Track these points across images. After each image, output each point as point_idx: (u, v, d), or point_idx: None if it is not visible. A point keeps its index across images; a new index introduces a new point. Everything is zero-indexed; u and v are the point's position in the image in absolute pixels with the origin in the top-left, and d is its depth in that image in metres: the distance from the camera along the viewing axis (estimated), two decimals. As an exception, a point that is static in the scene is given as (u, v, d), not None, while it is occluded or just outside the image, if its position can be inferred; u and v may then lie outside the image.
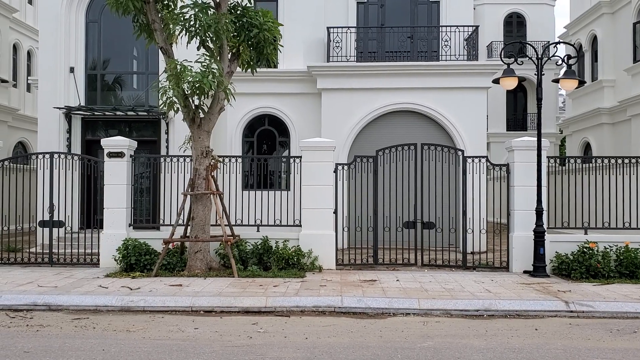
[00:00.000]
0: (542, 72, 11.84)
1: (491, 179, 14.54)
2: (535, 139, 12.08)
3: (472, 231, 12.91)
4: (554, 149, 31.95)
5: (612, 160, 12.97)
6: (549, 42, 27.36)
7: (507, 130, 31.84)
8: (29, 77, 25.25)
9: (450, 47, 17.50)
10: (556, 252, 11.85)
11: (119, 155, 12.62)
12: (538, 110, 11.99)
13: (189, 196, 11.75)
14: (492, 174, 14.38)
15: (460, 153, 13.26)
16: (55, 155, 13.07)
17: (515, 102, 32.87)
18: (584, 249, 11.45)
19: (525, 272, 12.03)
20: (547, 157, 12.68)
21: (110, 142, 12.74)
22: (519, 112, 32.97)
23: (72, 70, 17.13)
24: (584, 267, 11.20)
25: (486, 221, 13.46)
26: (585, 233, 12.26)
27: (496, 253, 13.72)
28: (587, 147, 24.78)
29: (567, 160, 13.60)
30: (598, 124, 23.31)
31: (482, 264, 12.84)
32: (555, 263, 11.74)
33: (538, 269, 11.55)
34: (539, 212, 11.64)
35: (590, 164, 13.60)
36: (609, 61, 23.10)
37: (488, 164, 13.17)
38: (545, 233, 11.70)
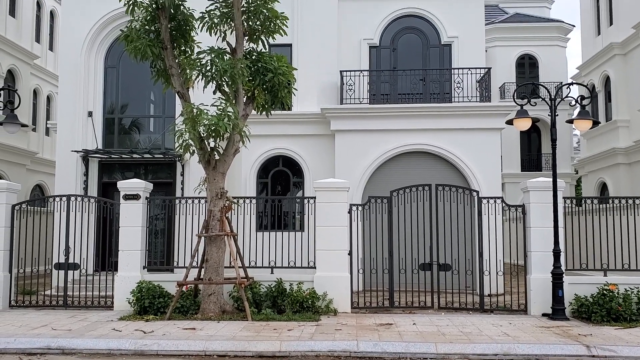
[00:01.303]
0: (556, 113, 11.85)
1: (507, 220, 14.41)
2: (551, 179, 12.01)
3: (489, 273, 12.73)
4: (569, 189, 31.70)
5: (630, 201, 12.82)
6: (561, 83, 27.50)
7: (521, 171, 31.71)
8: (48, 121, 25.76)
9: (462, 88, 17.63)
10: (575, 294, 11.63)
11: (135, 197, 12.72)
12: (553, 150, 11.95)
13: (203, 238, 11.75)
14: (508, 214, 14.25)
15: (475, 194, 13.20)
16: (72, 198, 13.20)
17: (529, 142, 32.83)
18: (604, 291, 11.22)
19: (544, 315, 11.79)
20: (563, 197, 12.57)
21: (127, 185, 12.86)
22: (534, 152, 32.89)
23: (90, 114, 17.46)
24: (604, 310, 10.95)
25: (503, 263, 13.28)
26: (605, 275, 12.04)
27: (514, 295, 13.48)
28: (604, 187, 24.57)
29: (583, 201, 13.47)
30: (614, 164, 23.17)
31: (499, 306, 12.61)
32: (574, 306, 11.50)
33: (557, 312, 11.31)
34: (556, 254, 11.47)
35: (608, 205, 13.45)
36: (622, 101, 23.11)
37: (503, 204, 13.07)
38: (564, 275, 11.50)
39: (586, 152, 26.37)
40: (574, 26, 32.11)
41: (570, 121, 12.32)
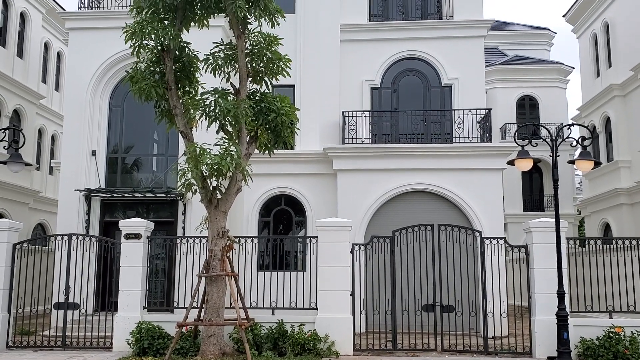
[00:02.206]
0: (557, 154, 11.90)
1: (510, 261, 14.31)
2: (553, 220, 11.97)
3: (493, 314, 12.56)
4: (572, 230, 31.56)
5: (634, 242, 12.74)
6: (562, 123, 27.71)
7: (524, 211, 31.60)
8: (51, 161, 25.91)
9: (463, 129, 17.75)
10: (581, 337, 11.45)
11: (136, 236, 12.69)
12: (555, 191, 11.95)
13: (203, 278, 11.67)
14: (511, 255, 14.16)
15: (477, 234, 13.15)
16: (74, 237, 13.18)
17: (531, 182, 32.84)
18: (610, 334, 11.06)
19: (549, 358, 11.58)
20: (567, 238, 12.51)
21: (128, 224, 12.85)
22: (535, 192, 32.86)
23: (93, 153, 17.58)
24: (611, 353, 10.78)
25: (507, 304, 13.13)
26: (610, 317, 11.88)
27: (518, 338, 13.27)
28: (607, 228, 24.46)
29: (587, 242, 13.40)
30: (616, 204, 23.12)
31: (504, 349, 12.41)
32: (580, 349, 11.31)
33: (563, 355, 11.11)
34: (560, 295, 11.35)
35: (611, 246, 13.38)
36: (623, 142, 23.22)
37: (506, 245, 13.01)
38: (569, 317, 11.35)
39: (588, 193, 26.36)
40: (573, 68, 32.50)
41: (572, 162, 12.36)
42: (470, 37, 18.83)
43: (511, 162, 12.33)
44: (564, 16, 29.30)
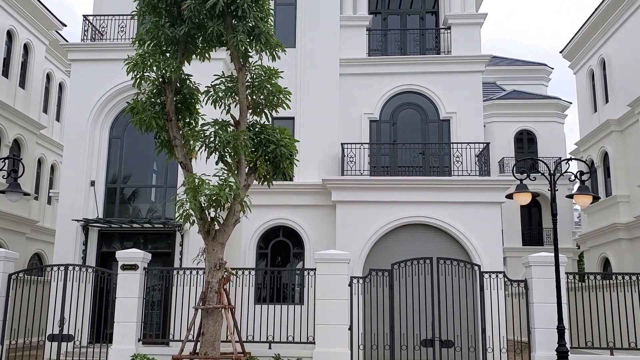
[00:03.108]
0: (556, 188, 11.92)
1: (509, 295, 14.20)
2: (553, 254, 11.92)
3: (492, 350, 12.40)
4: (572, 264, 31.37)
5: (634, 277, 12.67)
6: (560, 158, 27.78)
7: (523, 245, 31.47)
8: (50, 190, 25.89)
9: (462, 162, 17.82)
10: (582, 373, 11.29)
11: (133, 267, 12.61)
12: (554, 225, 11.93)
13: (200, 310, 11.54)
14: (510, 290, 14.07)
15: (476, 268, 13.08)
16: (70, 268, 13.08)
17: (530, 217, 32.80)
18: (612, 371, 10.90)
19: (550, 395, 11.40)
20: (566, 273, 12.44)
21: (125, 255, 12.78)
22: (534, 226, 32.80)
23: (92, 183, 17.58)
24: (612, 390, 10.60)
25: (506, 339, 12.98)
26: (611, 354, 11.75)
27: (518, 374, 13.08)
28: (607, 262, 24.35)
29: (586, 277, 13.32)
30: (616, 239, 23.07)
31: (504, 385, 12.22)
32: (581, 386, 11.14)
33: (564, 392, 10.94)
34: (560, 331, 11.22)
35: (611, 281, 13.29)
36: (621, 177, 23.28)
37: (505, 279, 12.93)
38: (569, 353, 11.20)
39: (587, 227, 26.31)
40: (570, 103, 32.78)
41: (571, 196, 12.38)
42: (468, 72, 19.05)
43: (510, 196, 12.35)
44: (561, 52, 29.69)
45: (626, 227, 22.50)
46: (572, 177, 12.34)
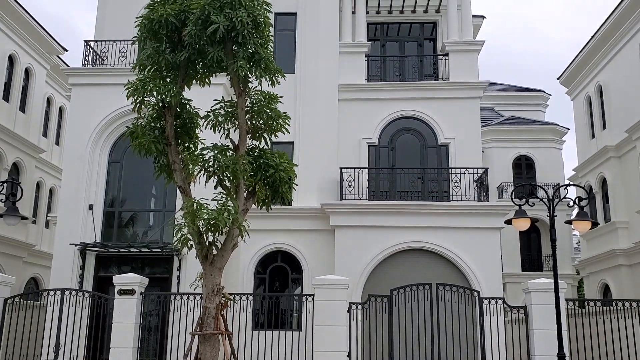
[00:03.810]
0: (555, 214, 11.92)
1: (509, 322, 14.09)
2: (552, 280, 11.87)
3: (493, 377, 12.27)
4: (571, 290, 31.19)
5: (634, 304, 12.59)
6: (558, 183, 27.81)
7: (522, 271, 31.32)
8: (48, 214, 25.83)
9: (460, 188, 17.84)
10: (583, 402, 11.16)
11: (130, 292, 12.52)
12: (553, 251, 11.90)
13: (197, 336, 11.43)
14: (510, 316, 13.97)
15: (476, 294, 13.00)
16: (67, 292, 12.99)
17: (529, 242, 32.71)
18: (613, 399, 10.77)
19: None
20: (566, 299, 12.37)
21: (122, 280, 12.70)
22: (534, 252, 32.69)
23: (91, 207, 17.55)
24: (614, 419, 10.47)
25: (506, 367, 12.84)
26: (613, 381, 11.61)
27: (519, 402, 12.92)
28: (606, 289, 24.22)
29: (586, 303, 13.25)
30: (615, 265, 22.97)
31: (504, 414, 12.06)
32: (583, 414, 11.00)
33: (565, 421, 10.79)
34: (561, 358, 11.12)
35: (611, 307, 13.21)
36: (620, 203, 23.29)
37: (505, 306, 12.84)
38: (570, 381, 11.09)
39: (587, 253, 26.23)
40: (568, 129, 32.93)
41: (570, 222, 12.37)
42: (466, 98, 19.18)
43: (509, 222, 12.34)
44: (558, 79, 29.94)
45: (625, 254, 22.43)
46: (571, 203, 12.35)
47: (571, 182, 23.57)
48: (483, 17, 24.07)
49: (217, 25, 9.88)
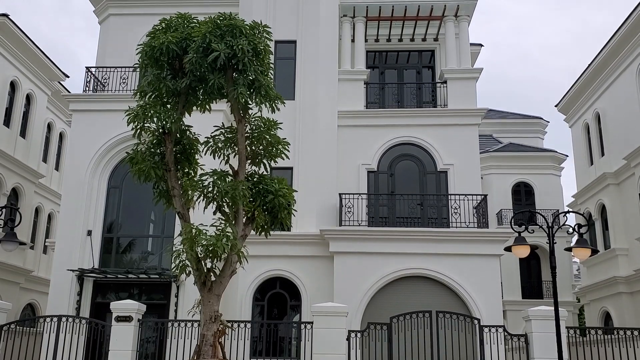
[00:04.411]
0: (554, 241, 11.89)
1: (509, 350, 13.95)
2: (553, 308, 11.78)
3: (494, 407, 12.11)
4: (572, 318, 30.94)
5: (636, 332, 12.48)
6: (558, 210, 27.88)
7: (522, 298, 31.11)
8: (46, 240, 25.72)
9: (460, 214, 17.82)
10: None
11: (127, 319, 12.41)
12: (553, 278, 11.84)
13: (195, 363, 11.29)
14: (510, 344, 13.83)
15: (476, 322, 12.90)
16: (63, 319, 12.87)
17: (529, 269, 32.56)
18: None
19: None
20: (567, 327, 12.27)
21: (119, 306, 12.61)
22: (534, 279, 32.51)
23: (89, 233, 17.50)
24: None
25: (508, 396, 12.68)
26: (616, 411, 11.45)
27: None
28: (607, 316, 24.03)
29: (587, 331, 13.14)
30: (616, 293, 22.83)
31: None
32: None
33: None
34: (563, 387, 10.99)
35: (613, 336, 13.09)
36: (619, 230, 23.25)
37: (505, 333, 12.73)
38: (572, 411, 10.94)
39: (587, 280, 26.09)
40: (567, 156, 33.05)
41: (569, 249, 12.33)
42: (465, 124, 19.29)
43: (508, 249, 12.30)
44: (556, 106, 30.15)
45: (626, 281, 22.31)
46: (571, 230, 12.33)
47: (570, 209, 23.53)
48: (481, 45, 24.39)
49: (218, 52, 9.99)
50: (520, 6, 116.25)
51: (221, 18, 10.37)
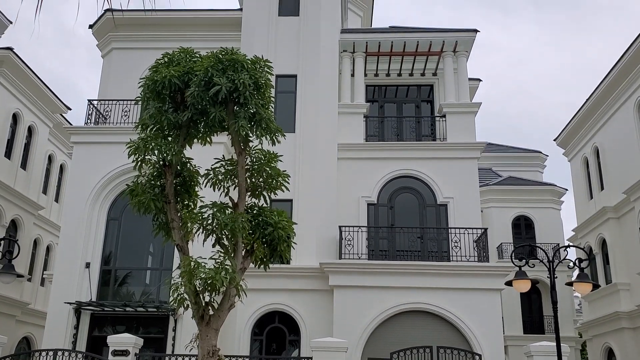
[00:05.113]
0: (555, 275, 11.82)
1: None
2: (554, 343, 11.65)
3: None
4: (575, 354, 30.53)
5: (639, 368, 12.32)
6: (558, 244, 27.79)
7: (524, 333, 30.77)
8: (44, 272, 25.57)
9: (460, 248, 17.76)
10: None
11: (124, 353, 12.26)
12: (554, 314, 11.74)
13: (192, 399, 11.11)
14: (513, 380, 13.65)
15: (477, 357, 12.73)
16: (59, 353, 12.71)
17: (530, 304, 32.27)
18: None
19: None
20: (569, 363, 12.11)
21: (116, 340, 12.47)
22: (535, 314, 32.19)
23: (87, 265, 17.41)
24: None
25: None
26: None
27: None
28: (610, 352, 23.73)
29: (590, 367, 12.96)
30: (618, 328, 22.60)
31: None
32: None
33: None
34: None
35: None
36: (621, 264, 23.13)
37: (507, 369, 12.55)
38: None
39: (589, 315, 25.84)
40: (566, 190, 33.08)
41: (570, 284, 12.25)
42: (464, 158, 19.37)
43: (509, 283, 12.22)
44: (555, 140, 30.32)
45: (629, 316, 22.10)
46: (571, 264, 12.28)
47: (571, 243, 23.53)
48: (479, 80, 24.66)
49: (220, 86, 10.10)
50: (516, 40, 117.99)
51: (223, 53, 10.52)
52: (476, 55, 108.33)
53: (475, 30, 20.67)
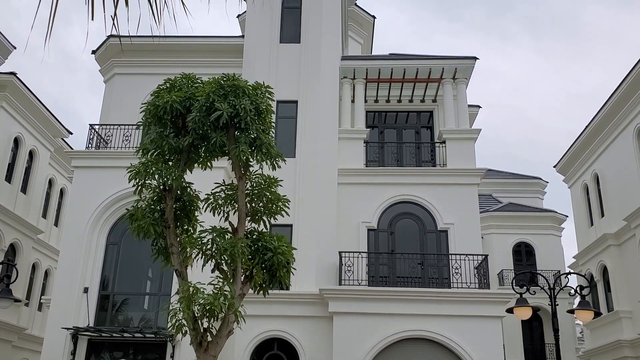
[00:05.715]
0: (556, 303, 11.74)
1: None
2: (557, 371, 11.51)
3: None
4: (578, 383, 30.13)
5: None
6: (559, 271, 27.62)
7: (525, 361, 30.41)
8: (42, 297, 25.38)
9: (461, 274, 17.65)
10: None
11: (121, 379, 12.08)
12: (556, 341, 11.63)
13: None
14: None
15: (478, 385, 12.55)
16: (55, 378, 12.53)
17: (531, 331, 31.95)
18: None
19: None
20: (572, 392, 11.93)
21: (114, 365, 12.29)
22: (537, 341, 31.84)
23: (86, 290, 17.28)
24: None
25: None
26: None
27: None
28: (613, 381, 23.42)
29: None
30: (621, 357, 22.33)
31: None
32: None
33: None
34: None
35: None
36: (622, 291, 22.97)
37: (509, 398, 12.37)
38: None
39: (591, 344, 25.57)
40: (567, 216, 33.00)
41: (572, 311, 12.16)
42: (464, 184, 19.36)
43: (510, 310, 12.12)
44: (554, 167, 30.37)
45: (631, 345, 21.86)
46: (573, 292, 12.20)
47: (572, 270, 23.37)
48: (479, 106, 24.81)
49: (221, 112, 10.16)
50: (514, 67, 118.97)
51: (225, 79, 10.61)
52: (475, 81, 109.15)
53: (475, 58, 20.85)
